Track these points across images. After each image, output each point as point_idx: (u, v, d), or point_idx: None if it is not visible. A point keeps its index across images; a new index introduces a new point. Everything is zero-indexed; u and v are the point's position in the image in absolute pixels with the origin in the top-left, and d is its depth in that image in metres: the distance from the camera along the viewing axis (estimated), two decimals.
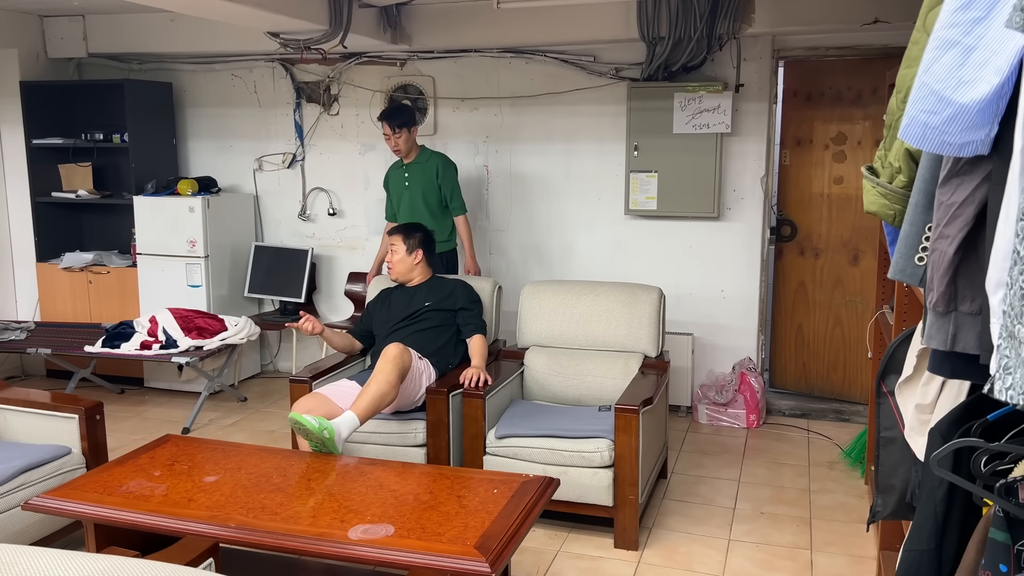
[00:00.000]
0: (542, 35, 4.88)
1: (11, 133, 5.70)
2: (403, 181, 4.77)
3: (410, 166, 4.75)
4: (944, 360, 1.40)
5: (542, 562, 3.27)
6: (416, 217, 4.66)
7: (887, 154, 1.80)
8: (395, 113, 4.68)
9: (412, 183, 4.74)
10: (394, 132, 4.64)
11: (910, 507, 2.09)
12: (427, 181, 4.72)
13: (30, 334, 5.20)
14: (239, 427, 4.87)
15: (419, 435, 3.60)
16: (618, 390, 3.77)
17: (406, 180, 4.76)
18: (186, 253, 5.37)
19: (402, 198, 4.78)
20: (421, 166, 4.74)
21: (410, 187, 4.74)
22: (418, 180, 4.73)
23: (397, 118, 4.64)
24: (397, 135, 4.64)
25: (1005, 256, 1.13)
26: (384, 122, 4.67)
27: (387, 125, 4.65)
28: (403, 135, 4.65)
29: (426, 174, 4.72)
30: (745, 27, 4.51)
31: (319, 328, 3.74)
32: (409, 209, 4.74)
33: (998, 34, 1.13)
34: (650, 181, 4.91)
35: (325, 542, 2.32)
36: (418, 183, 4.73)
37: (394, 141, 4.66)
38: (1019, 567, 1.26)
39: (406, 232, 4.04)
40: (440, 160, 4.75)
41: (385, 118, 4.67)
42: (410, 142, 4.71)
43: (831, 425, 4.88)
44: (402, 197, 4.78)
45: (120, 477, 2.74)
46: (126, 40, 5.58)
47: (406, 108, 4.78)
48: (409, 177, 4.75)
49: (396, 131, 4.63)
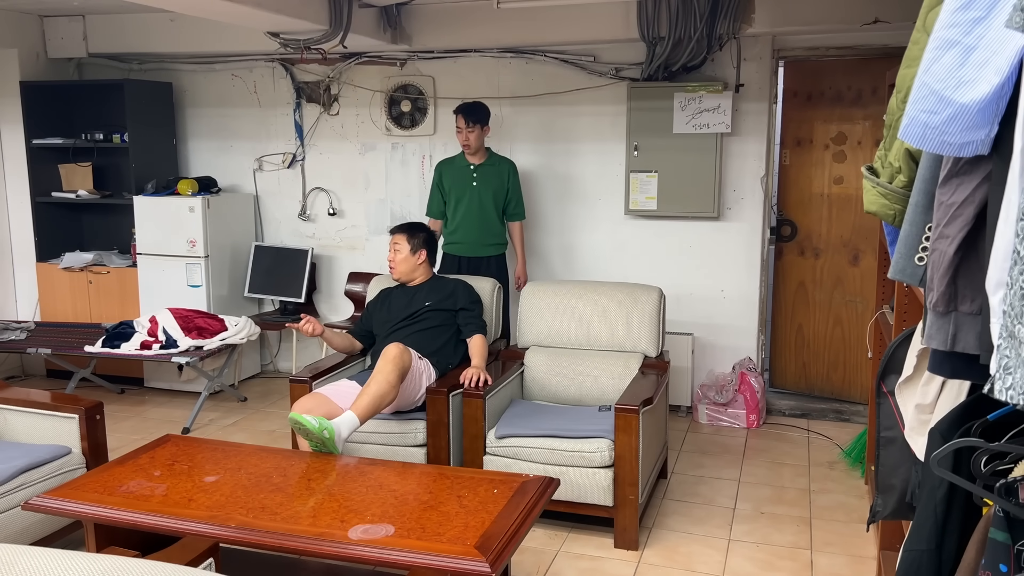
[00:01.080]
0: (542, 35, 4.88)
1: (11, 133, 5.70)
2: (470, 180, 4.75)
3: (480, 167, 4.75)
4: (944, 360, 1.40)
5: (542, 562, 3.27)
6: (480, 217, 4.72)
7: (887, 154, 1.80)
8: (473, 109, 4.67)
9: (481, 184, 4.74)
10: (468, 127, 4.63)
11: (910, 507, 2.08)
12: (499, 184, 4.76)
13: (30, 334, 5.20)
14: (239, 427, 4.87)
15: (419, 435, 3.60)
16: (618, 390, 3.77)
17: (474, 180, 4.74)
18: (186, 253, 5.37)
19: (464, 197, 4.75)
20: (493, 168, 4.77)
21: (478, 187, 4.73)
22: (489, 182, 4.74)
23: (475, 113, 4.64)
24: (470, 130, 4.63)
25: (1005, 256, 1.13)
26: (460, 115, 4.65)
27: (463, 118, 4.64)
28: (476, 131, 4.65)
29: (498, 177, 4.76)
30: (745, 27, 4.50)
31: (319, 329, 3.74)
32: (476, 209, 4.74)
33: (998, 34, 1.13)
34: (650, 181, 4.91)
35: (325, 542, 2.32)
36: (488, 185, 4.74)
37: (465, 135, 4.65)
38: (1019, 567, 1.26)
39: (410, 231, 4.02)
40: (510, 165, 4.82)
41: (463, 111, 4.65)
42: (480, 140, 4.70)
43: (831, 425, 4.88)
44: (464, 196, 4.74)
45: (120, 477, 2.74)
46: (126, 40, 5.58)
47: (483, 106, 4.74)
48: (478, 178, 4.74)
49: (470, 126, 4.63)
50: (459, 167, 4.78)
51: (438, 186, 4.84)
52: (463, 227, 4.76)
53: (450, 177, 4.79)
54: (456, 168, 4.80)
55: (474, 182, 4.73)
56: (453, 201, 4.78)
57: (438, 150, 5.46)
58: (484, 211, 4.74)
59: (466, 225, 4.76)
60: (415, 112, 5.45)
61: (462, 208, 4.75)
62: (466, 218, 4.74)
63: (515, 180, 4.81)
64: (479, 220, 4.74)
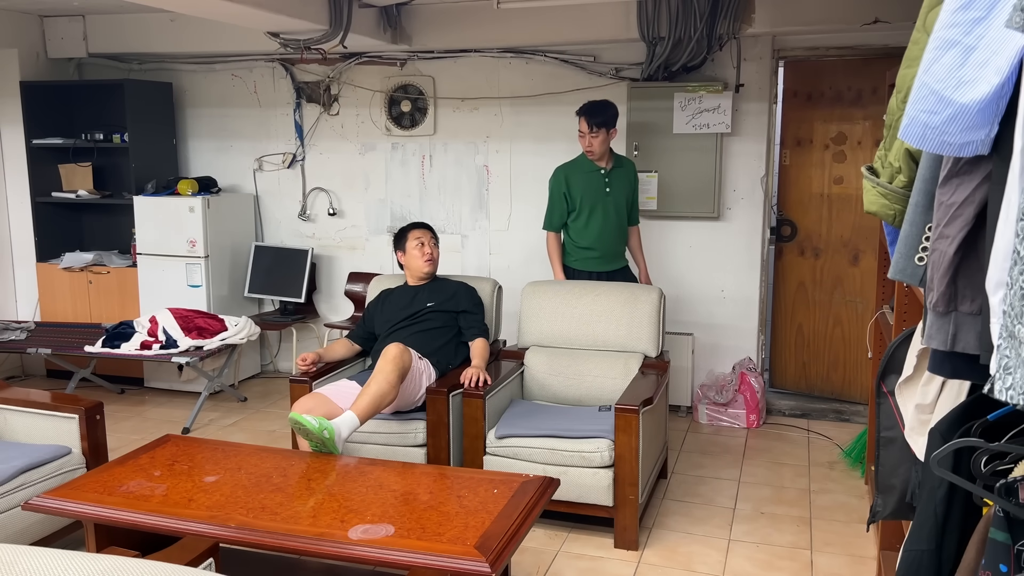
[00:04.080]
0: (542, 35, 4.88)
1: (11, 133, 5.70)
2: (602, 188, 4.25)
3: (612, 173, 4.27)
4: (944, 360, 1.40)
5: (542, 562, 3.27)
6: (617, 227, 4.30)
7: (887, 154, 1.80)
8: (598, 109, 4.14)
9: (614, 191, 4.26)
10: (591, 131, 4.13)
11: (910, 507, 2.09)
12: (630, 190, 4.35)
13: (30, 334, 5.20)
14: (239, 427, 4.87)
15: (419, 435, 3.60)
16: (618, 390, 3.77)
17: (607, 187, 4.25)
18: (186, 253, 5.37)
19: (596, 207, 4.24)
20: (623, 171, 4.33)
21: (612, 195, 4.26)
22: (620, 189, 4.29)
23: (599, 115, 4.12)
24: (594, 135, 4.13)
25: (1005, 256, 1.13)
26: (583, 118, 4.14)
27: (585, 121, 4.13)
28: (600, 135, 4.14)
29: (628, 181, 4.35)
30: (745, 27, 4.50)
31: (316, 358, 3.83)
32: (613, 219, 4.27)
33: (998, 34, 1.13)
34: (650, 181, 4.91)
35: (325, 542, 2.32)
36: (621, 192, 4.29)
37: (589, 140, 4.15)
38: (1019, 567, 1.26)
39: (430, 227, 4.10)
40: (633, 166, 4.44)
41: (585, 113, 4.14)
42: (606, 145, 4.21)
43: (831, 425, 4.88)
44: (597, 206, 4.24)
45: (120, 477, 2.74)
46: (126, 40, 5.58)
47: (610, 106, 4.20)
48: (610, 183, 4.26)
49: (594, 130, 4.12)
50: (587, 173, 4.25)
51: (564, 196, 4.27)
52: (601, 240, 4.28)
53: (577, 185, 4.25)
54: (584, 174, 4.26)
55: (607, 188, 4.25)
56: (586, 211, 4.25)
57: (438, 150, 5.46)
58: (620, 220, 4.30)
59: (604, 237, 4.28)
60: (415, 112, 5.45)
61: (597, 219, 4.24)
62: (604, 229, 4.27)
63: (637, 182, 4.44)
64: (616, 230, 4.30)
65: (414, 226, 4.08)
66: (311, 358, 3.80)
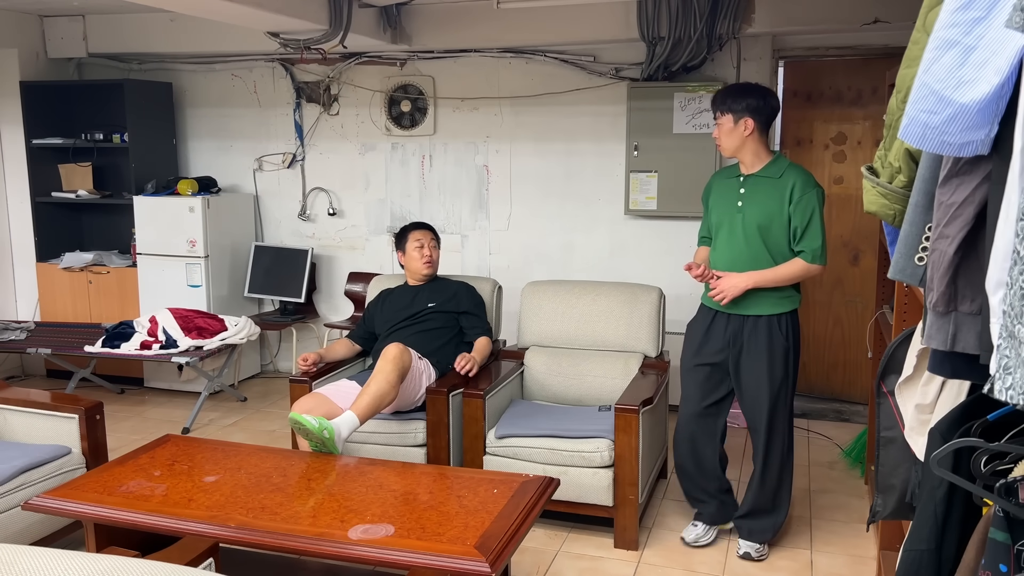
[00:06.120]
0: (542, 35, 4.88)
1: (11, 133, 5.70)
2: (734, 199, 3.19)
3: (752, 179, 3.17)
4: (944, 360, 1.40)
5: (542, 562, 3.27)
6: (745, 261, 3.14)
7: (887, 154, 1.80)
8: (728, 93, 3.17)
9: (748, 205, 3.15)
10: (715, 117, 3.19)
11: (910, 507, 2.08)
12: (775, 206, 3.11)
13: (30, 334, 5.20)
14: (239, 427, 4.87)
15: (419, 435, 3.60)
16: (618, 390, 3.77)
17: (739, 199, 3.18)
18: (186, 253, 5.37)
19: (723, 224, 3.21)
20: (770, 181, 3.14)
21: (744, 210, 3.15)
22: (759, 202, 3.13)
23: (719, 96, 3.18)
24: (718, 122, 3.17)
25: (1005, 256, 1.13)
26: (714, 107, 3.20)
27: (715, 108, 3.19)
28: (727, 123, 3.13)
29: (777, 193, 3.11)
30: (745, 27, 4.50)
31: (317, 359, 3.83)
32: (741, 243, 3.15)
33: (998, 34, 1.13)
34: (650, 181, 4.91)
35: (325, 542, 2.32)
36: (758, 207, 3.13)
37: (715, 130, 3.21)
38: (1019, 567, 1.26)
39: (431, 228, 4.09)
40: (800, 177, 3.11)
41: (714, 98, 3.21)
42: (735, 138, 3.13)
43: (831, 425, 4.88)
44: (723, 222, 3.20)
45: (120, 477, 2.74)
46: (126, 40, 5.58)
47: (746, 88, 3.17)
48: (746, 195, 3.17)
49: (719, 114, 3.17)
50: (727, 179, 3.28)
51: (705, 203, 3.39)
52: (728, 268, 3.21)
53: (713, 192, 3.32)
54: (724, 180, 3.30)
55: (739, 201, 3.18)
56: (714, 226, 3.29)
57: (438, 150, 5.46)
58: (751, 245, 3.15)
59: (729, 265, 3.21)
60: (415, 112, 5.45)
61: (720, 239, 3.25)
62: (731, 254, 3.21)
63: (806, 199, 3.09)
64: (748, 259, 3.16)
65: (415, 227, 4.08)
66: (312, 358, 3.80)
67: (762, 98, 3.11)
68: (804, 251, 3.10)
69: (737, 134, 3.12)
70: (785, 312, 3.17)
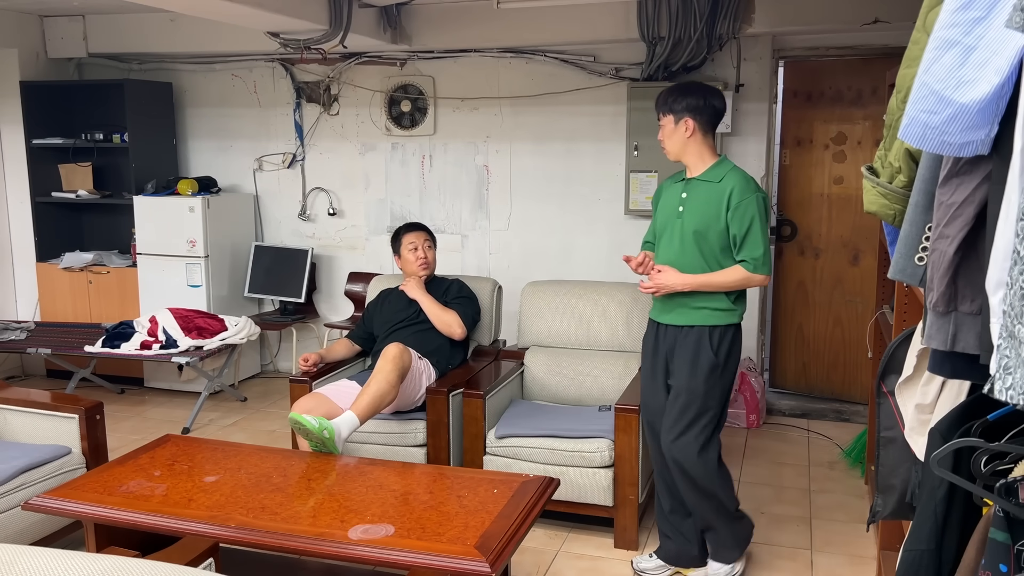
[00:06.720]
0: (542, 35, 4.88)
1: (11, 133, 5.70)
2: (676, 204, 3.04)
3: (693, 183, 3.02)
4: (944, 360, 1.40)
5: (542, 562, 3.27)
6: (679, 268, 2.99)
7: (887, 154, 1.80)
8: (668, 92, 3.02)
9: (687, 211, 3.00)
10: (658, 119, 3.04)
11: (910, 507, 2.08)
12: (712, 212, 2.95)
13: (30, 334, 5.20)
14: (239, 427, 4.87)
15: (419, 435, 3.60)
16: (618, 390, 3.77)
17: (680, 204, 3.02)
18: (186, 253, 5.37)
19: (665, 229, 3.06)
20: (710, 186, 2.97)
21: (683, 215, 3.00)
22: (697, 208, 2.98)
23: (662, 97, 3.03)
24: (661, 123, 3.03)
25: (1005, 256, 1.13)
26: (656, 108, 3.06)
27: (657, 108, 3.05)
28: (668, 124, 3.00)
29: (715, 199, 2.94)
30: (745, 27, 4.50)
31: (317, 359, 3.84)
32: (677, 249, 3.01)
33: (998, 34, 1.13)
34: (650, 181, 4.91)
35: (325, 542, 2.32)
36: (696, 213, 2.98)
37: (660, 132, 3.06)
38: (1019, 567, 1.26)
39: (424, 228, 4.09)
40: (739, 183, 2.94)
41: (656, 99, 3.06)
42: (681, 140, 2.99)
43: (831, 425, 4.88)
44: (666, 228, 3.06)
45: (120, 477, 2.74)
46: (126, 40, 5.58)
47: (691, 88, 3.01)
48: (687, 199, 3.01)
49: (661, 115, 3.03)
50: (673, 183, 3.13)
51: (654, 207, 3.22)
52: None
53: (660, 197, 3.17)
54: (670, 185, 3.15)
55: (680, 207, 3.03)
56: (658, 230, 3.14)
57: (438, 150, 5.46)
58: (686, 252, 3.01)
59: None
60: (415, 112, 5.45)
61: (662, 244, 3.10)
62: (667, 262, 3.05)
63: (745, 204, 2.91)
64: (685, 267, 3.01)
65: (408, 229, 4.08)
66: (313, 359, 3.80)
67: (703, 97, 2.96)
68: (745, 260, 2.93)
69: (679, 135, 2.99)
70: (719, 326, 2.98)
